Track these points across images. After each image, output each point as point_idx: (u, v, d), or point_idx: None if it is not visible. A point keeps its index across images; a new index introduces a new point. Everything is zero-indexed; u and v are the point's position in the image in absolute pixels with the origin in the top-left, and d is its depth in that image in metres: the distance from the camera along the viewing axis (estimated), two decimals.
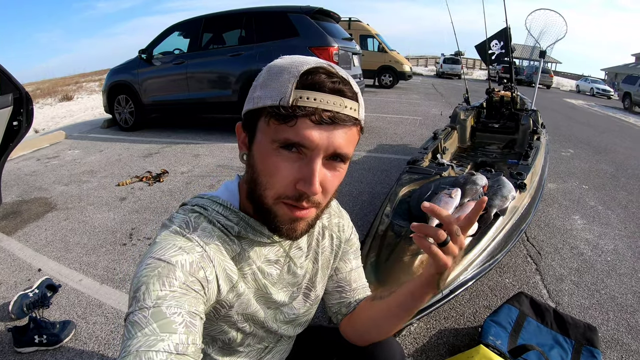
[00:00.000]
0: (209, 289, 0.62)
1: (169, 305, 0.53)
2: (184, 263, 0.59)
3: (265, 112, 0.60)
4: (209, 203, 0.70)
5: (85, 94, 11.95)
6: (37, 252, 2.50)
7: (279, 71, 0.60)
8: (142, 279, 0.55)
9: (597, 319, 1.98)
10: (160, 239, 0.62)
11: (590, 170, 4.72)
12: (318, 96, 0.57)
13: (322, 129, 0.57)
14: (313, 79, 0.58)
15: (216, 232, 0.67)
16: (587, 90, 22.69)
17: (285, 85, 0.57)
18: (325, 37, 5.11)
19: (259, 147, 0.62)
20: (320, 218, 0.70)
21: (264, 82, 0.61)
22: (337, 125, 0.58)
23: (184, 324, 0.52)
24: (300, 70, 0.58)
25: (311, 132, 0.57)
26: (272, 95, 0.58)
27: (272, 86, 0.59)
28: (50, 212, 3.10)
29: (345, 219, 0.92)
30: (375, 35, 13.95)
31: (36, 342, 1.66)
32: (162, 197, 3.41)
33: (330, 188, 0.63)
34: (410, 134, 6.10)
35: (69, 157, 4.73)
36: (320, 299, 0.89)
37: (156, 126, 6.32)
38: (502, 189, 2.02)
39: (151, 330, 0.50)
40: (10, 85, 2.45)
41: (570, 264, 2.49)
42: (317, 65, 0.59)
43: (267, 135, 0.60)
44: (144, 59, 5.92)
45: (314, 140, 0.57)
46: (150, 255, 0.59)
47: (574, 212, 3.36)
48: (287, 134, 0.57)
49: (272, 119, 0.58)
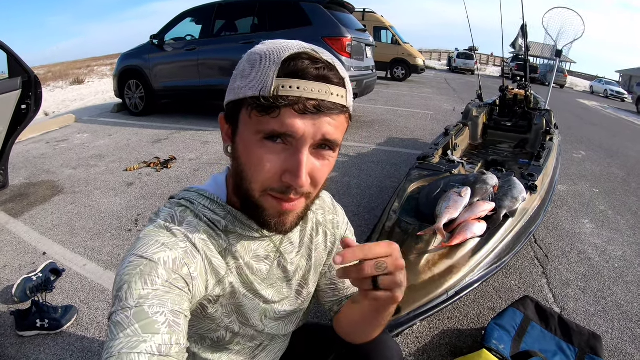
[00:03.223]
0: (194, 286, 0.60)
1: (151, 304, 0.51)
2: (166, 260, 0.57)
3: (246, 103, 0.57)
4: (196, 197, 0.68)
5: (96, 77, 12.00)
6: (42, 235, 2.52)
7: (259, 58, 0.56)
8: (124, 278, 0.54)
9: (602, 327, 1.95)
10: (144, 235, 0.61)
11: (602, 174, 4.64)
12: (301, 84, 0.54)
13: (307, 118, 0.54)
14: (296, 65, 0.54)
15: (202, 227, 0.65)
16: (600, 91, 22.37)
17: (265, 74, 0.54)
18: (339, 27, 5.05)
19: (242, 140, 0.60)
20: (310, 209, 0.67)
21: (244, 71, 0.58)
22: (323, 113, 0.55)
23: (167, 324, 0.51)
24: (281, 57, 0.54)
25: (295, 121, 0.54)
26: (252, 85, 0.55)
27: (253, 75, 0.56)
28: (57, 196, 3.11)
29: (340, 216, 0.89)
30: (389, 28, 13.81)
31: (38, 326, 1.67)
32: (169, 184, 3.41)
33: (320, 178, 0.60)
34: (421, 129, 6.04)
35: (77, 141, 4.75)
36: (311, 296, 0.87)
37: (166, 112, 6.32)
38: (512, 190, 1.99)
39: (133, 331, 0.48)
40: (19, 68, 2.45)
41: (578, 269, 2.45)
42: (299, 51, 0.56)
43: (249, 126, 0.57)
44: (156, 45, 5.90)
45: (299, 130, 0.54)
46: (133, 253, 0.57)
47: (584, 216, 3.31)
48: (271, 125, 0.55)
49: (253, 110, 0.55)
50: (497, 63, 34.47)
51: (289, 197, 0.59)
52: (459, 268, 1.58)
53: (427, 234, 1.67)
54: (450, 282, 1.52)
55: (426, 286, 1.48)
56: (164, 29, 5.97)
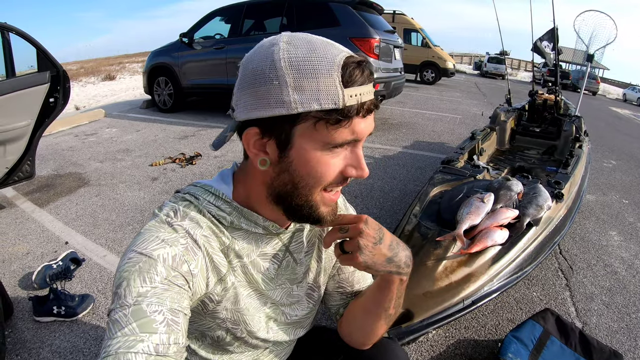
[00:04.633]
0: (194, 283, 0.59)
1: (149, 302, 0.51)
2: (166, 257, 0.56)
3: (309, 116, 0.55)
4: (201, 192, 0.67)
5: (127, 74, 12.30)
6: (66, 225, 2.59)
7: (312, 69, 0.53)
8: (123, 274, 0.54)
9: (625, 345, 1.86)
10: (144, 230, 0.60)
11: (632, 185, 4.46)
12: (359, 90, 0.55)
13: (367, 119, 0.58)
14: (352, 74, 0.54)
15: (205, 223, 0.64)
16: (634, 99, 21.55)
17: (331, 87, 0.53)
18: (367, 28, 5.01)
19: (304, 153, 0.57)
20: None
21: (296, 84, 0.53)
22: (373, 110, 0.59)
23: (165, 323, 0.50)
24: (335, 68, 0.53)
25: (362, 126, 0.57)
26: (319, 98, 0.53)
27: (313, 87, 0.53)
28: (83, 188, 3.20)
29: None
30: (419, 30, 13.65)
31: (54, 312, 1.71)
32: (193, 179, 3.42)
33: None
34: (448, 132, 5.95)
35: (106, 135, 4.87)
36: (321, 299, 0.85)
37: (194, 109, 6.43)
38: (537, 198, 1.93)
39: (131, 330, 0.48)
40: (48, 63, 2.51)
41: (603, 283, 2.35)
42: (346, 55, 0.55)
43: (314, 138, 0.56)
44: (185, 43, 6.00)
45: (365, 132, 0.58)
46: (133, 249, 0.57)
47: (612, 228, 3.18)
48: (344, 135, 0.56)
49: (326, 123, 0.55)
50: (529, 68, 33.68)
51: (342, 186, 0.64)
52: (477, 276, 1.53)
53: (446, 239, 1.64)
54: (467, 291, 1.48)
55: (442, 293, 1.45)
56: (193, 27, 6.07)
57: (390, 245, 0.68)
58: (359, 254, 0.64)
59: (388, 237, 0.69)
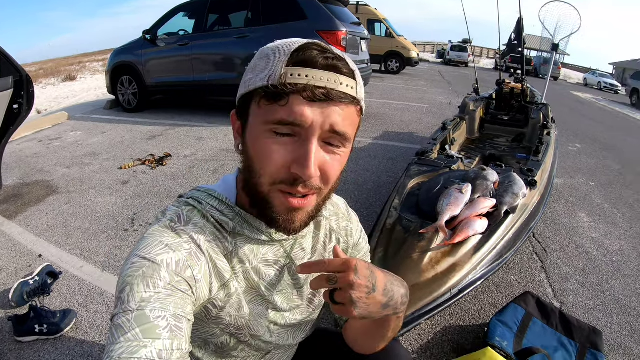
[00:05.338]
0: (198, 288, 0.59)
1: (153, 308, 0.51)
2: (169, 262, 0.56)
3: (256, 94, 0.57)
4: (205, 196, 0.67)
5: (88, 74, 11.84)
6: (37, 237, 2.48)
7: (270, 52, 0.57)
8: (126, 279, 0.53)
9: (601, 321, 1.96)
10: (148, 234, 0.60)
11: (597, 167, 4.67)
12: (310, 72, 0.53)
13: (316, 107, 0.54)
14: (304, 55, 0.54)
15: (209, 228, 0.64)
16: (594, 84, 22.41)
17: (275, 65, 0.55)
18: (334, 21, 5.00)
19: (251, 132, 0.59)
20: (322, 209, 0.65)
21: (255, 65, 0.58)
22: (332, 102, 0.54)
23: (168, 328, 0.50)
24: (291, 49, 0.55)
25: (304, 109, 0.53)
26: (262, 76, 0.55)
27: (263, 67, 0.56)
28: (52, 196, 3.07)
29: (354, 223, 0.87)
30: (383, 20, 13.74)
31: (37, 331, 1.64)
32: (165, 181, 3.37)
33: (331, 173, 0.59)
34: (416, 122, 6.03)
35: (71, 139, 4.69)
36: (322, 304, 0.85)
37: (159, 108, 6.25)
38: (513, 186, 1.98)
39: (134, 336, 0.48)
40: (11, 67, 2.40)
41: (576, 263, 2.46)
42: (309, 42, 0.56)
43: (258, 117, 0.57)
44: (148, 40, 5.83)
45: (308, 119, 0.53)
46: (136, 253, 0.56)
47: (580, 210, 3.32)
48: (279, 114, 0.54)
49: (262, 100, 0.55)
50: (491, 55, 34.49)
51: (297, 189, 0.57)
52: (461, 266, 1.57)
53: (429, 231, 1.67)
54: (453, 280, 1.51)
55: (430, 285, 1.48)
56: (156, 23, 5.89)
57: (385, 290, 0.62)
58: (353, 308, 0.58)
59: (381, 280, 0.61)
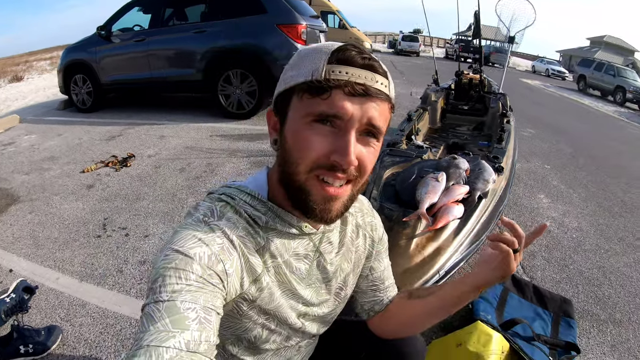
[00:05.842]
0: (229, 282, 0.60)
1: (183, 299, 0.52)
2: (202, 255, 0.57)
3: (297, 89, 0.60)
4: (237, 192, 0.69)
5: (36, 73, 11.13)
6: (5, 250, 2.35)
7: (310, 52, 0.61)
8: (159, 271, 0.55)
9: (569, 292, 2.12)
10: (181, 228, 0.61)
11: (551, 151, 4.96)
12: (350, 70, 0.58)
13: (355, 101, 0.58)
14: (344, 54, 0.59)
15: (241, 223, 0.65)
16: (542, 71, 23.42)
17: (317, 62, 0.59)
18: (293, 14, 4.96)
19: (291, 125, 0.62)
20: (355, 199, 0.67)
21: (294, 64, 0.62)
22: (370, 97, 0.59)
23: (197, 320, 0.51)
24: (330, 49, 0.59)
25: (345, 103, 0.57)
26: (304, 73, 0.59)
27: (304, 64, 0.60)
28: (14, 205, 2.91)
29: (377, 218, 0.92)
30: (336, 12, 13.83)
31: (22, 352, 1.55)
32: (132, 183, 3.28)
33: (366, 163, 0.62)
34: None
35: (26, 143, 4.44)
36: (348, 297, 0.88)
37: (116, 107, 6.01)
38: (483, 173, 2.09)
39: (163, 325, 0.49)
40: None
41: (540, 241, 2.63)
42: (347, 44, 0.61)
43: (299, 110, 0.60)
44: (102, 36, 5.58)
45: (348, 111, 0.57)
46: (170, 246, 0.58)
47: (539, 191, 3.54)
48: (321, 107, 0.58)
49: (305, 94, 0.59)
50: (441, 44, 35.48)
51: (337, 175, 0.60)
52: (445, 249, 1.66)
53: (412, 219, 1.74)
54: (439, 263, 1.60)
55: (419, 268, 1.55)
56: (110, 19, 5.63)
57: None
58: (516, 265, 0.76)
59: None
